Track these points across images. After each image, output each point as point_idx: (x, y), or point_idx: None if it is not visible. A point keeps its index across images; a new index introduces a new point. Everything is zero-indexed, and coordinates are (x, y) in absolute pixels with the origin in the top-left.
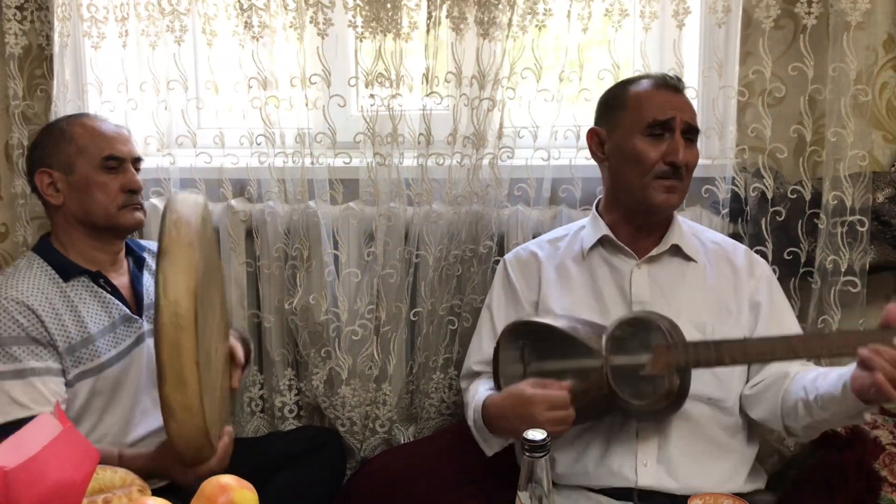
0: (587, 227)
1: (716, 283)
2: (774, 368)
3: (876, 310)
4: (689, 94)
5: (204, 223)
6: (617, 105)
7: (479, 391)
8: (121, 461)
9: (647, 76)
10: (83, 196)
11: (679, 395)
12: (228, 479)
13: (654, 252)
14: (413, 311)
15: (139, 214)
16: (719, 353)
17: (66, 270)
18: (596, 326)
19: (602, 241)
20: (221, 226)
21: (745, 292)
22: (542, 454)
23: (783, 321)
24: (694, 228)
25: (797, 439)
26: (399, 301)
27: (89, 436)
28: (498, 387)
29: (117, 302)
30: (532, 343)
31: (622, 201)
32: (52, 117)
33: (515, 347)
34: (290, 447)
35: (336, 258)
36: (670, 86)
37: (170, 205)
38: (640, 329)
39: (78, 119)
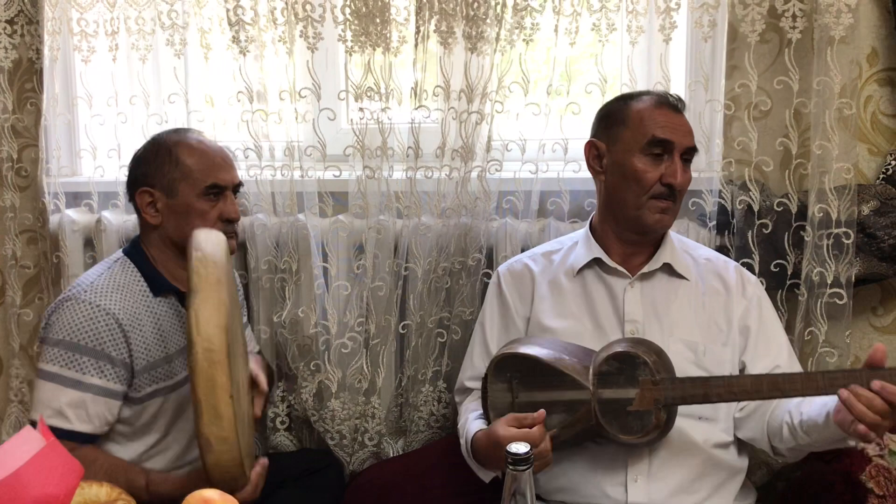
0: (580, 244)
1: (707, 300)
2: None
3: (862, 322)
4: None
5: (227, 260)
6: (618, 120)
7: (469, 422)
8: (148, 486)
9: (647, 93)
10: (182, 221)
11: (666, 428)
12: (212, 494)
13: (645, 269)
14: (402, 324)
15: (233, 242)
16: (706, 389)
17: (157, 285)
18: (584, 354)
19: (595, 261)
20: None
21: (736, 312)
22: (524, 467)
23: (772, 344)
24: (685, 245)
25: (784, 459)
26: (388, 314)
27: (152, 448)
28: (487, 418)
29: None
30: (520, 375)
31: (615, 216)
32: (42, 131)
33: (503, 380)
34: (290, 468)
35: (325, 271)
36: (671, 105)
37: (194, 243)
38: (627, 363)
39: (185, 140)
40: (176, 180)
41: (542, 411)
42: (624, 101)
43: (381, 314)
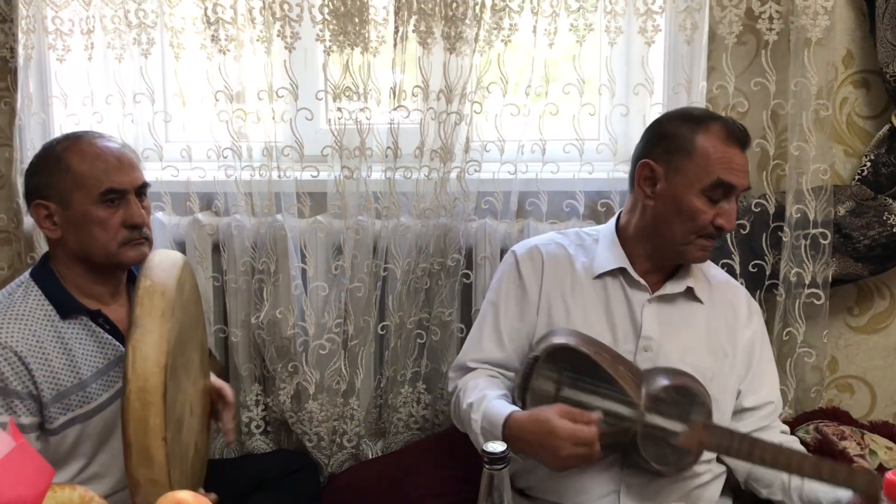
0: (603, 247)
1: (717, 324)
2: (758, 433)
3: (838, 322)
4: (656, 109)
5: (181, 285)
6: (681, 148)
7: (491, 399)
8: None
9: (714, 118)
10: (81, 233)
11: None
12: (185, 496)
13: (668, 290)
14: (381, 325)
15: (144, 249)
16: (751, 449)
17: (64, 307)
18: (634, 368)
19: (619, 269)
20: (188, 240)
21: (741, 340)
22: (501, 466)
23: (766, 379)
24: (701, 264)
25: (751, 491)
26: (367, 315)
27: (79, 475)
28: (522, 399)
29: (115, 342)
30: (572, 371)
31: (654, 242)
32: (17, 130)
33: (554, 370)
34: (264, 470)
35: (303, 272)
36: (739, 141)
37: (145, 268)
38: (685, 398)
39: (76, 144)
40: (69, 189)
41: (599, 413)
42: (690, 126)
43: (359, 315)
